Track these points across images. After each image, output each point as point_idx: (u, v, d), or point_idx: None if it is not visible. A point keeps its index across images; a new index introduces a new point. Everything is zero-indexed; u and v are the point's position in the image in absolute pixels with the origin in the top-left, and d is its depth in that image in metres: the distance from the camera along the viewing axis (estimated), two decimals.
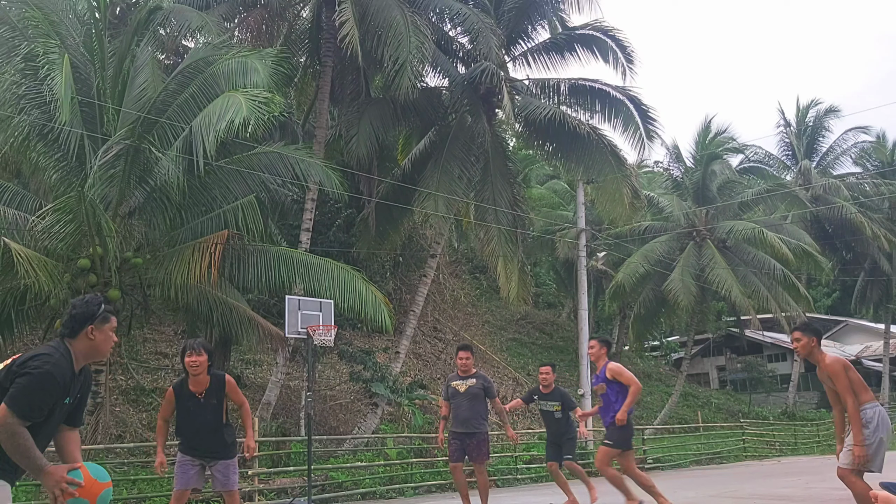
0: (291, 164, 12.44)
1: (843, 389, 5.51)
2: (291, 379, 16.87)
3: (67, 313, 3.46)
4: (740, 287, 23.44)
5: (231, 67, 11.83)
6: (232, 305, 11.57)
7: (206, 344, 5.90)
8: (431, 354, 22.23)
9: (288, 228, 17.60)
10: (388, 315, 12.51)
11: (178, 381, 5.93)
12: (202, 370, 5.72)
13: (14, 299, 10.31)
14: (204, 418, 5.78)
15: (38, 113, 10.91)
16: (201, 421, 5.77)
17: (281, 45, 16.29)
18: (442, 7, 17.50)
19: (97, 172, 10.59)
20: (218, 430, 5.84)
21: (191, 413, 5.79)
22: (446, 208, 16.59)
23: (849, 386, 5.52)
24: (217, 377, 5.86)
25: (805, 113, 35.51)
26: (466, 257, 30.91)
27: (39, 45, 10.77)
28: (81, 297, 3.63)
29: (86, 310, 3.45)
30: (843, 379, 5.54)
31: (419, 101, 17.15)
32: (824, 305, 43.11)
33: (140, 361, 16.24)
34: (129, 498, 9.98)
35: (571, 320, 30.62)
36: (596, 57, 18.90)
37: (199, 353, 5.70)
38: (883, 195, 31.40)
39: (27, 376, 3.15)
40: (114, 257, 10.60)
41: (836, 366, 5.59)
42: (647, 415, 25.48)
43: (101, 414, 10.88)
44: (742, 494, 10.79)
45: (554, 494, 10.84)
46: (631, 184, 18.99)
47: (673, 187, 28.13)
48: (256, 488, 10.99)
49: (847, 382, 5.53)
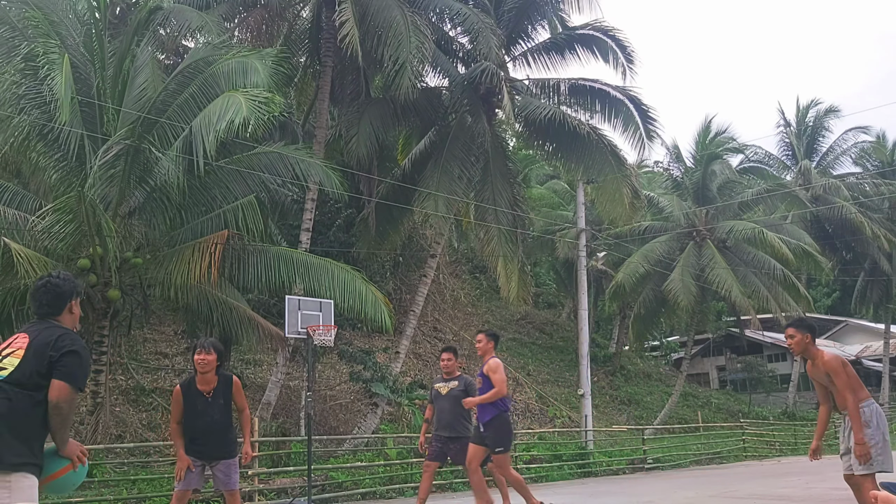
0: (291, 164, 12.44)
1: (843, 386, 5.47)
2: (291, 379, 16.87)
3: (48, 293, 3.53)
4: (740, 287, 23.43)
5: (231, 67, 11.83)
6: (232, 305, 11.58)
7: (216, 344, 5.94)
8: (431, 354, 22.21)
9: (288, 228, 17.60)
10: (388, 315, 12.51)
11: (185, 380, 5.94)
12: (210, 369, 5.76)
13: (14, 299, 10.32)
14: (212, 418, 5.79)
15: (38, 113, 10.91)
16: (209, 420, 5.79)
17: (281, 45, 16.29)
18: (442, 7, 17.50)
19: (97, 172, 10.59)
20: (225, 430, 5.87)
21: (198, 412, 5.79)
22: (446, 208, 16.59)
23: (848, 383, 5.48)
24: (225, 377, 5.90)
25: (805, 113, 35.54)
26: (466, 257, 30.91)
27: (39, 45, 10.76)
28: (56, 274, 3.65)
29: (70, 286, 3.58)
30: (843, 376, 5.50)
31: (419, 101, 17.15)
32: (824, 305, 43.12)
33: (140, 361, 16.24)
34: (129, 498, 9.98)
35: (571, 320, 30.62)
36: (596, 57, 18.90)
37: (209, 351, 5.76)
38: (883, 195, 31.41)
39: (74, 354, 3.33)
40: (114, 257, 10.60)
41: (836, 363, 5.55)
42: (647, 415, 25.49)
43: (101, 414, 10.88)
44: (742, 494, 10.79)
45: (554, 494, 10.84)
46: (631, 184, 18.99)
47: (673, 187, 28.12)
48: (256, 488, 10.99)
49: (846, 379, 5.49)
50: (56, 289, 3.52)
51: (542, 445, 17.29)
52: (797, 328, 5.75)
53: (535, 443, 17.30)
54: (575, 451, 17.63)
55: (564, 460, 16.49)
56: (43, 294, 3.52)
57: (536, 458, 16.07)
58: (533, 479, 15.01)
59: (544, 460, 16.17)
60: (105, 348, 10.97)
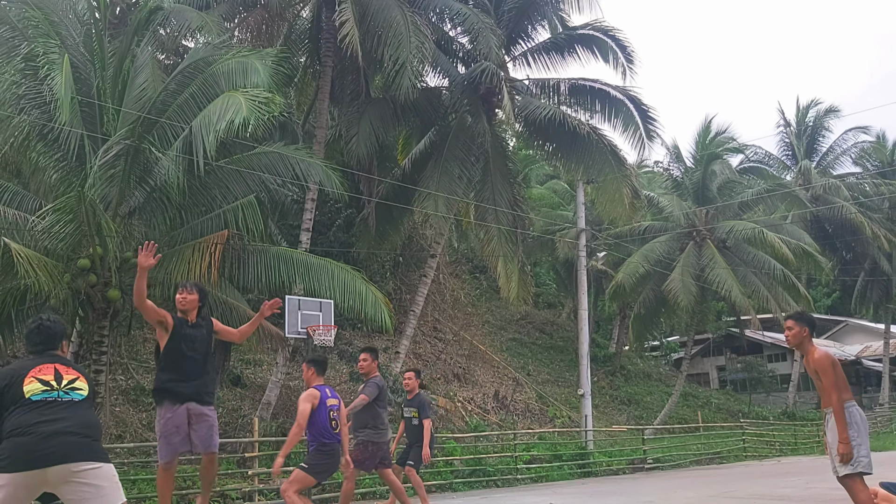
0: (291, 164, 12.44)
1: (829, 385, 5.51)
2: (291, 379, 16.87)
3: (41, 333, 4.08)
4: (740, 287, 23.43)
5: (231, 67, 11.82)
6: (232, 305, 11.58)
7: (199, 285, 6.06)
8: (431, 354, 22.21)
9: (288, 228, 17.60)
10: (388, 315, 12.51)
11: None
12: (193, 307, 5.86)
13: (14, 299, 10.32)
14: (197, 344, 5.79)
15: (38, 113, 10.90)
16: (194, 347, 5.76)
17: (281, 45, 16.28)
18: (442, 7, 17.51)
19: (97, 172, 10.59)
20: (207, 365, 5.88)
21: (183, 339, 5.75)
22: (446, 208, 16.60)
23: (835, 382, 5.51)
24: (206, 318, 6.02)
25: (805, 113, 35.53)
26: (466, 257, 30.90)
27: (39, 45, 10.75)
28: (46, 317, 4.20)
29: (60, 327, 4.17)
30: (831, 374, 5.53)
31: (419, 101, 17.16)
32: (824, 305, 43.11)
33: (140, 361, 16.24)
34: (129, 498, 9.96)
35: (571, 320, 30.61)
36: (596, 57, 18.91)
37: (192, 291, 5.91)
38: (883, 195, 31.41)
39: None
40: (114, 257, 10.60)
41: (825, 361, 5.58)
42: (648, 415, 25.48)
43: (101, 414, 10.88)
44: (742, 494, 10.78)
45: (554, 494, 10.85)
46: (631, 184, 18.99)
47: (673, 187, 28.11)
48: (256, 488, 10.99)
49: (833, 378, 5.52)
50: (48, 330, 4.10)
51: (543, 445, 17.30)
52: (797, 321, 5.81)
53: (535, 443, 17.30)
54: (575, 451, 17.64)
55: (564, 460, 16.50)
56: (37, 335, 4.10)
57: (536, 458, 16.08)
58: (533, 479, 15.03)
59: (544, 460, 16.17)
60: (105, 348, 10.96)
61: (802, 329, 5.73)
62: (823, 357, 5.61)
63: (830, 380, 5.52)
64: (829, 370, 5.55)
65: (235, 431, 14.15)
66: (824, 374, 5.55)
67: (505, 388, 22.11)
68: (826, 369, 5.55)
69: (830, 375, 5.53)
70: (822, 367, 5.56)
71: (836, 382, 5.52)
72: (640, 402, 27.30)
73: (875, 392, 34.68)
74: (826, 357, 5.62)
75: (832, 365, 5.58)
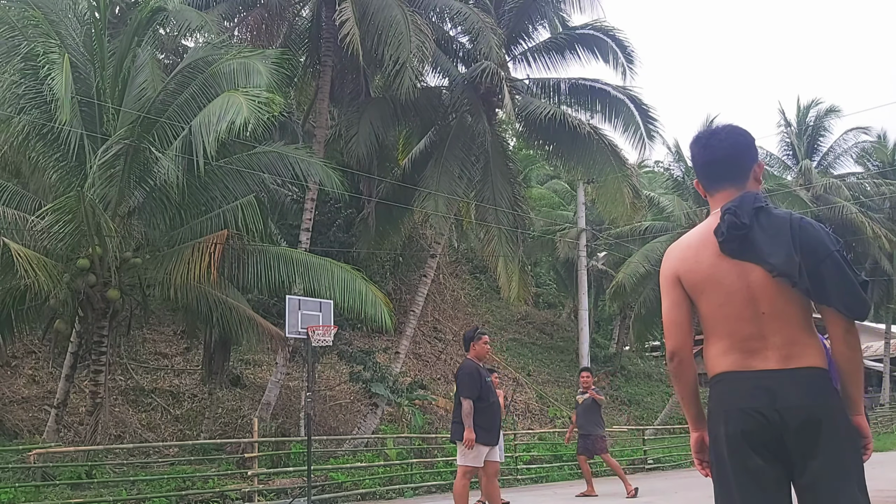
0: (291, 163, 12.44)
1: None
2: (291, 379, 16.86)
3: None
4: None
5: (232, 68, 11.82)
6: (232, 305, 11.57)
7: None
8: (431, 354, 22.20)
9: (288, 228, 17.57)
10: (389, 315, 12.50)
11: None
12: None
13: (14, 299, 10.32)
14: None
15: (38, 113, 10.89)
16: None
17: (281, 45, 16.27)
18: (442, 6, 17.48)
19: (97, 172, 10.58)
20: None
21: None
22: (446, 208, 16.57)
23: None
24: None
25: (805, 113, 35.47)
26: (466, 257, 30.87)
27: (39, 45, 10.75)
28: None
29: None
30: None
31: (419, 100, 17.12)
32: None
33: (140, 362, 16.23)
34: (129, 498, 9.96)
35: (572, 320, 30.59)
36: (596, 57, 18.88)
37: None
38: (884, 195, 31.38)
39: None
40: (113, 257, 10.60)
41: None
42: (648, 415, 25.46)
43: (101, 414, 10.87)
44: None
45: (554, 495, 10.83)
46: (631, 183, 18.96)
47: (674, 187, 28.04)
48: (256, 488, 10.97)
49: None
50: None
51: (543, 446, 17.27)
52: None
53: (535, 443, 17.28)
54: (575, 451, 17.58)
55: (564, 460, 16.47)
56: None
57: (537, 459, 16.06)
58: (533, 479, 15.01)
59: (544, 460, 16.15)
60: (104, 348, 10.96)
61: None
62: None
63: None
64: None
65: (235, 432, 14.14)
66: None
67: (505, 388, 22.08)
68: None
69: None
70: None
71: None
72: (641, 403, 27.26)
73: (875, 392, 34.64)
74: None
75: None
